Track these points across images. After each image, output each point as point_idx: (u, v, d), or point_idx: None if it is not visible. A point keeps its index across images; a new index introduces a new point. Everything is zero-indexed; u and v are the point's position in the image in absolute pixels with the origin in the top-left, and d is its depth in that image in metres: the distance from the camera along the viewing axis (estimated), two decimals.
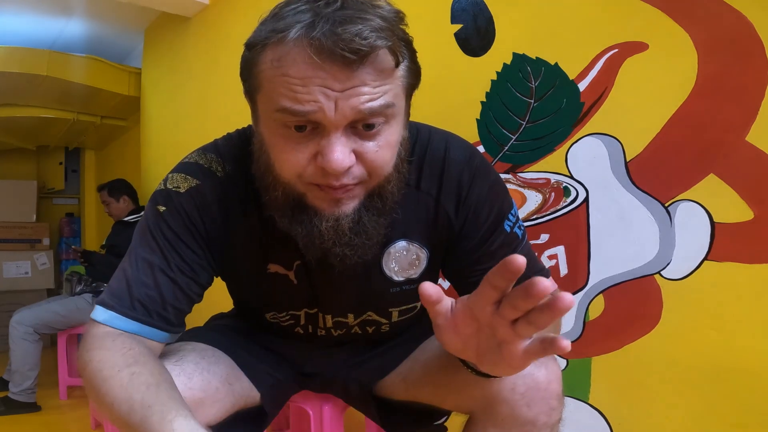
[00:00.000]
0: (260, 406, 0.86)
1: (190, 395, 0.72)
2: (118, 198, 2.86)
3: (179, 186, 0.73)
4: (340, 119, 0.58)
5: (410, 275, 0.79)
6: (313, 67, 0.56)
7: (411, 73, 0.65)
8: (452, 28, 1.38)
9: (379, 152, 0.62)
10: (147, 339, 0.70)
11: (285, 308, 0.84)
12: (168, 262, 0.71)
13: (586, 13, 1.15)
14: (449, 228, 0.76)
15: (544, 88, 1.21)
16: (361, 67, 0.57)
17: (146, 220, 0.74)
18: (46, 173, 4.73)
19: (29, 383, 2.43)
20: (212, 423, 0.77)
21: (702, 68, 0.98)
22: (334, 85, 0.57)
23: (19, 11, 2.93)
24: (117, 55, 3.51)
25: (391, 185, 0.66)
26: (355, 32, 0.54)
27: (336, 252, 0.66)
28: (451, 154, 0.75)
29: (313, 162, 0.61)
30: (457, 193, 0.75)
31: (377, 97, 0.59)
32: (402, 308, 0.85)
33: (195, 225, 0.72)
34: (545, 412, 0.69)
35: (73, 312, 2.57)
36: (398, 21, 0.60)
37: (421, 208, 0.75)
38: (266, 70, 0.60)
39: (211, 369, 0.78)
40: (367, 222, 0.66)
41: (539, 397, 0.69)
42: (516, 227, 0.78)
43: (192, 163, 0.75)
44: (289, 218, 0.66)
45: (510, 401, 0.69)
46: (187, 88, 2.71)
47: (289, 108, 0.58)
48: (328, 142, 0.59)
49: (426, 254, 0.78)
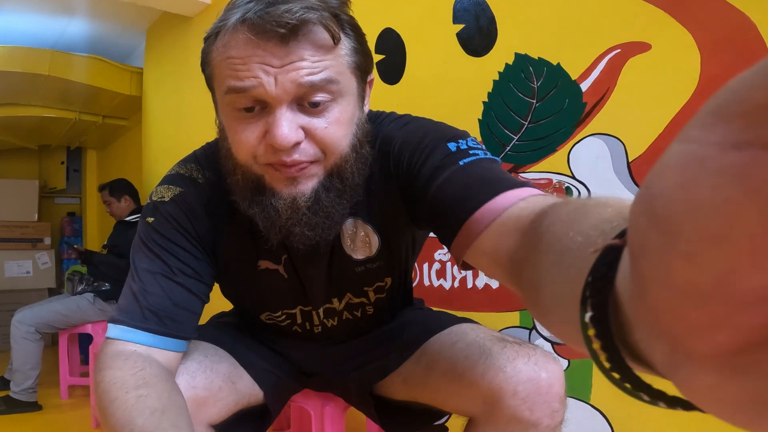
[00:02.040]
0: (263, 405, 0.86)
1: (194, 394, 0.73)
2: (119, 198, 2.86)
3: (163, 196, 0.76)
4: (282, 94, 0.60)
5: (366, 254, 0.79)
6: (252, 45, 0.60)
7: (357, 54, 0.66)
8: (454, 28, 1.38)
9: (329, 128, 0.63)
10: (163, 350, 0.69)
11: (279, 307, 0.85)
12: (169, 267, 0.72)
13: (589, 13, 1.14)
14: (400, 190, 0.72)
15: (547, 88, 1.21)
16: (295, 42, 0.60)
17: (139, 236, 0.75)
18: (48, 173, 4.74)
19: (30, 382, 2.44)
20: (215, 422, 0.78)
21: (705, 69, 0.98)
22: (273, 61, 0.60)
23: (21, 11, 2.94)
24: (119, 55, 3.51)
25: (350, 165, 0.67)
26: (285, 9, 0.58)
27: (296, 232, 0.67)
28: (400, 132, 0.73)
29: (263, 141, 0.63)
30: (400, 153, 0.71)
31: (317, 71, 0.61)
32: (374, 286, 0.85)
33: (185, 228, 0.74)
34: (548, 415, 0.69)
35: (74, 311, 2.57)
36: (339, 4, 0.63)
37: (369, 187, 0.74)
38: (215, 57, 0.64)
39: (214, 368, 0.78)
40: (326, 201, 0.67)
41: (541, 401, 0.68)
42: (473, 151, 0.65)
43: (173, 175, 0.78)
44: (249, 201, 0.68)
45: (512, 406, 0.69)
46: (188, 87, 2.71)
47: (232, 86, 0.61)
48: (273, 118, 0.62)
49: (372, 229, 0.77)
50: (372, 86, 0.73)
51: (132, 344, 0.68)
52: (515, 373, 0.69)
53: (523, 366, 0.70)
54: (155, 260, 0.72)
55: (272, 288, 0.82)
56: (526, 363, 0.70)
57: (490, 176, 0.59)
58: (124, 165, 4.03)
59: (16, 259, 4.10)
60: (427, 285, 1.41)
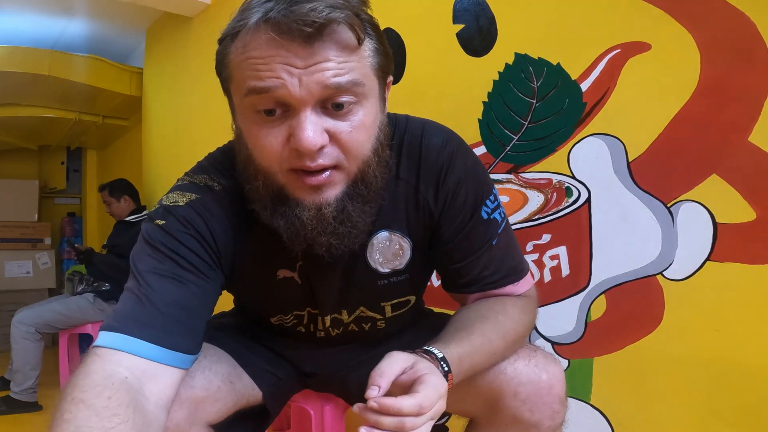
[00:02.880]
0: (262, 405, 0.86)
1: (192, 394, 0.72)
2: (119, 198, 2.86)
3: (177, 201, 0.71)
4: (307, 96, 0.59)
5: (395, 266, 0.78)
6: (274, 45, 0.58)
7: (380, 54, 0.64)
8: (454, 28, 1.38)
9: (353, 133, 0.62)
10: (166, 367, 0.63)
11: (291, 310, 0.84)
12: (180, 268, 0.67)
13: (589, 13, 1.14)
14: (430, 215, 0.76)
15: (547, 88, 1.21)
16: (320, 42, 0.58)
17: (145, 239, 0.70)
18: (48, 173, 4.73)
19: (30, 383, 2.43)
20: (214, 421, 0.77)
21: (705, 69, 0.98)
22: (296, 62, 0.58)
23: (21, 11, 2.94)
24: (119, 55, 3.51)
25: (372, 170, 0.66)
26: (309, 8, 0.56)
27: (321, 242, 0.65)
28: (428, 141, 0.75)
29: (287, 145, 0.61)
30: (436, 180, 0.74)
31: (343, 72, 0.59)
32: (394, 302, 0.84)
33: (201, 233, 0.69)
34: (548, 416, 0.69)
35: (74, 311, 2.57)
36: (360, 2, 0.62)
37: (401, 197, 0.75)
38: (234, 58, 0.62)
39: (212, 368, 0.78)
40: (352, 210, 0.65)
41: (541, 402, 0.69)
42: (496, 213, 0.77)
43: (186, 184, 0.74)
44: (270, 210, 0.66)
45: (512, 407, 0.69)
46: (188, 87, 2.71)
47: (253, 87, 0.59)
48: (298, 121, 0.59)
49: (409, 244, 0.77)
50: (390, 88, 0.71)
51: (126, 361, 0.60)
52: (516, 375, 0.69)
53: (524, 368, 0.70)
54: (165, 261, 0.67)
55: (287, 294, 0.81)
56: (526, 365, 0.70)
57: (503, 266, 0.78)
58: (124, 165, 4.02)
59: (16, 259, 4.10)
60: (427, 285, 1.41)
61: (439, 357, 0.65)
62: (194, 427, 0.73)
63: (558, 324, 1.19)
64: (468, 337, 0.69)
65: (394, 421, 0.57)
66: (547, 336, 1.21)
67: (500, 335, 0.71)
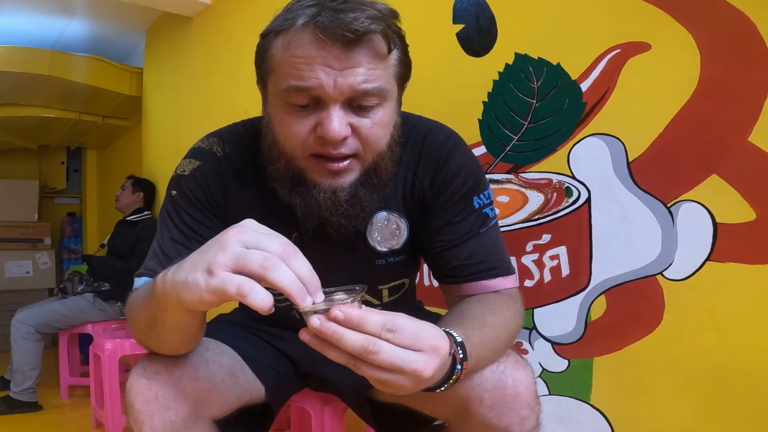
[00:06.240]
0: (265, 403, 0.87)
1: (197, 386, 0.73)
2: (134, 191, 2.87)
3: (185, 170, 0.81)
4: (338, 95, 0.67)
5: (393, 245, 0.83)
6: (316, 47, 0.65)
7: (402, 64, 0.73)
8: (454, 28, 1.38)
9: (373, 129, 0.70)
10: None
11: None
12: (186, 238, 0.77)
13: (589, 13, 1.14)
14: (423, 200, 0.82)
15: (546, 88, 1.21)
16: (357, 48, 0.66)
17: (165, 205, 0.82)
18: (48, 173, 4.73)
19: (30, 383, 2.43)
20: (218, 416, 0.78)
21: (705, 69, 0.98)
22: (334, 63, 0.66)
23: (21, 11, 2.94)
24: (119, 55, 3.51)
25: (385, 162, 0.74)
26: (353, 17, 0.64)
27: (333, 221, 0.74)
28: (432, 135, 0.83)
29: (313, 133, 0.69)
30: (434, 167, 0.81)
31: (372, 79, 0.67)
32: (390, 285, 0.88)
33: (201, 201, 0.79)
34: (516, 423, 0.68)
35: (74, 311, 2.57)
36: (392, 16, 0.69)
37: (400, 180, 0.82)
38: (276, 54, 0.69)
39: (216, 360, 0.79)
40: (363, 195, 0.73)
41: (508, 409, 0.68)
42: (487, 209, 0.82)
43: (196, 148, 0.84)
44: (288, 190, 0.74)
45: (480, 413, 0.69)
46: (188, 87, 2.71)
47: (294, 85, 0.67)
48: (327, 114, 0.67)
49: (405, 224, 0.83)
50: (404, 90, 0.79)
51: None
52: (481, 381, 0.69)
53: (490, 374, 0.69)
54: (174, 230, 0.78)
55: None
56: (493, 371, 0.70)
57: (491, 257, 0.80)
58: (125, 165, 4.02)
59: (16, 259, 4.10)
60: (427, 285, 1.41)
61: (458, 341, 0.62)
62: (199, 421, 0.74)
63: (558, 324, 1.19)
64: (479, 329, 0.67)
65: (359, 338, 0.52)
66: (547, 336, 1.21)
67: (505, 334, 0.71)
